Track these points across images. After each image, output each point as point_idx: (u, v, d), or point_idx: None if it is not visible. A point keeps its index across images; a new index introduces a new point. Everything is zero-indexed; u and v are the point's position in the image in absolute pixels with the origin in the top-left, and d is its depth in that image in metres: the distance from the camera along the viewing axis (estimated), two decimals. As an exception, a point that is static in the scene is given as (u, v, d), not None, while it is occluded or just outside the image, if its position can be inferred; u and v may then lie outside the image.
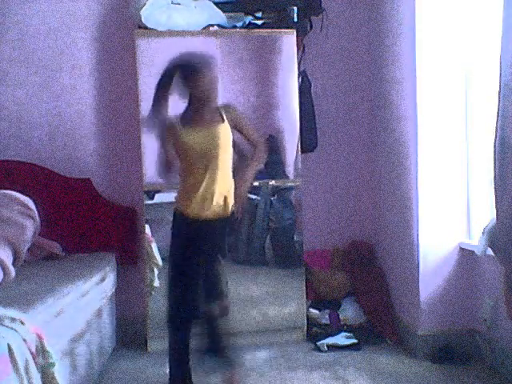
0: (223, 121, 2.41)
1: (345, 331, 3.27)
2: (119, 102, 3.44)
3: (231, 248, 3.26)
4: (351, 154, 3.67)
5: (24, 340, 1.60)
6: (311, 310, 3.39)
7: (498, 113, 2.23)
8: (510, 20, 2.17)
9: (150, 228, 3.23)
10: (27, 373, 1.57)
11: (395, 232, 3.30)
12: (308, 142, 3.41)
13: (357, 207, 3.67)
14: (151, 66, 3.16)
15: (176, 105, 2.42)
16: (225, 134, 2.40)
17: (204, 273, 2.45)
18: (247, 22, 3.27)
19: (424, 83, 2.93)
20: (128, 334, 3.32)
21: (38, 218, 2.74)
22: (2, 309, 1.70)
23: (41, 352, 1.66)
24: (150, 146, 3.16)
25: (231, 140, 2.44)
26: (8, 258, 2.39)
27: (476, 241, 2.67)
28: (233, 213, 2.46)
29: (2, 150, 3.36)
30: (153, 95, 2.36)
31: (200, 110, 2.40)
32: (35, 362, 1.62)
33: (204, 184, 2.37)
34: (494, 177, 2.26)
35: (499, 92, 2.22)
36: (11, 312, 1.69)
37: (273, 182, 3.29)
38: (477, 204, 2.94)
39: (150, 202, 3.23)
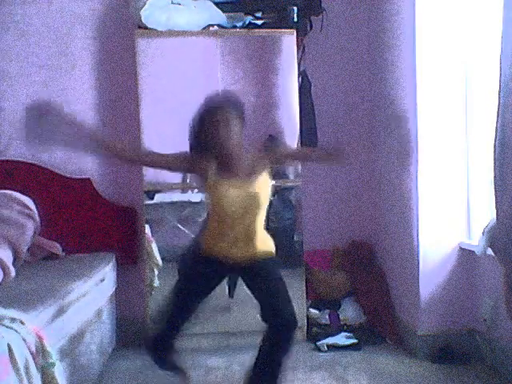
0: (263, 169, 2.22)
1: (345, 331, 3.27)
2: (119, 102, 3.44)
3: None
4: (351, 154, 3.66)
5: (24, 340, 1.60)
6: (311, 310, 3.39)
7: (497, 113, 2.23)
8: (510, 20, 2.17)
9: (150, 228, 3.24)
10: (27, 373, 1.57)
11: (395, 232, 3.30)
12: (308, 142, 3.41)
13: (357, 207, 3.67)
14: (151, 66, 3.16)
15: None
16: (264, 188, 2.23)
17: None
18: (247, 22, 3.27)
19: (424, 83, 2.92)
20: (128, 334, 3.32)
21: (38, 218, 2.75)
22: (2, 309, 1.70)
23: (41, 352, 1.66)
24: (150, 145, 3.17)
25: (270, 190, 2.28)
26: (8, 258, 2.40)
27: (476, 241, 2.66)
28: (268, 259, 2.31)
29: (2, 150, 3.36)
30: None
31: (232, 159, 2.18)
32: (35, 362, 1.62)
33: (234, 234, 2.20)
34: (494, 177, 2.26)
35: (499, 92, 2.22)
36: (11, 312, 1.69)
37: (273, 182, 3.28)
38: (477, 204, 2.93)
39: (150, 202, 3.24)
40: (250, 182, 2.17)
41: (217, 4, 3.24)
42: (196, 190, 3.38)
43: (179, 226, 3.36)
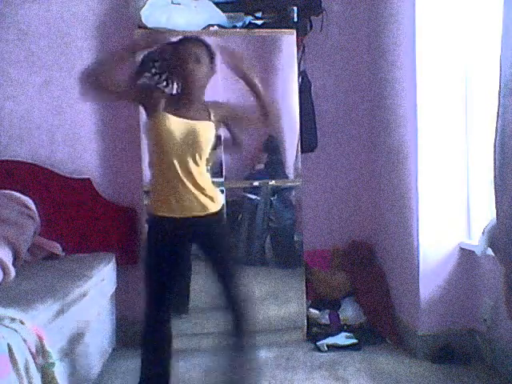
0: (209, 119, 2.21)
1: (345, 331, 3.27)
2: (119, 102, 3.43)
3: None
4: (351, 154, 3.67)
5: (24, 340, 1.60)
6: (311, 309, 3.39)
7: (497, 113, 2.23)
8: (510, 20, 2.17)
9: (150, 228, 3.23)
10: (27, 373, 1.57)
11: (395, 232, 3.30)
12: (308, 142, 3.41)
13: (357, 207, 3.67)
14: (151, 65, 3.16)
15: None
16: (206, 132, 2.18)
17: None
18: (247, 22, 3.27)
19: (424, 83, 2.93)
20: (128, 334, 3.32)
21: (37, 218, 2.75)
22: (2, 309, 1.70)
23: (41, 352, 1.67)
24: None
25: (213, 140, 2.22)
26: (8, 258, 2.40)
27: (476, 241, 2.67)
28: (217, 213, 2.24)
29: (2, 150, 3.36)
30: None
31: (186, 100, 2.19)
32: (35, 362, 1.62)
33: (176, 181, 2.14)
34: (494, 177, 2.26)
35: (499, 92, 2.22)
36: (11, 312, 1.69)
37: (273, 182, 3.29)
38: (477, 204, 2.93)
39: (150, 202, 3.24)
40: (194, 122, 2.16)
41: (217, 4, 3.24)
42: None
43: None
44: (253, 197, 3.30)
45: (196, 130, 2.15)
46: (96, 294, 2.68)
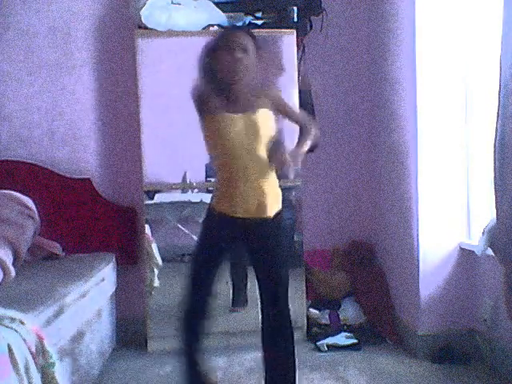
0: (262, 106, 2.14)
1: (345, 331, 3.27)
2: (119, 102, 3.44)
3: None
4: (351, 154, 3.67)
5: (24, 340, 1.60)
6: (311, 309, 3.39)
7: (497, 113, 2.23)
8: (510, 20, 2.17)
9: (150, 228, 3.23)
10: (27, 373, 1.57)
11: (395, 232, 3.30)
12: (308, 142, 3.40)
13: (357, 207, 3.67)
14: (151, 65, 3.16)
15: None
16: (265, 120, 2.15)
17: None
18: (247, 22, 3.27)
19: (424, 83, 2.92)
20: (128, 333, 3.32)
21: (38, 218, 2.74)
22: (2, 309, 1.70)
23: (41, 352, 1.66)
24: (150, 145, 3.18)
25: (273, 128, 2.18)
26: (8, 258, 2.40)
27: (476, 241, 2.67)
28: (275, 216, 2.22)
29: (2, 150, 3.36)
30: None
31: (231, 92, 2.13)
32: (35, 362, 1.62)
33: (239, 180, 2.12)
34: (494, 177, 2.26)
35: (499, 92, 2.22)
36: (11, 312, 1.69)
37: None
38: (477, 204, 2.93)
39: (150, 201, 3.24)
40: (251, 113, 2.12)
41: (217, 4, 3.24)
42: (196, 190, 3.38)
43: (179, 226, 3.37)
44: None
45: (255, 121, 2.11)
46: (96, 294, 2.68)
